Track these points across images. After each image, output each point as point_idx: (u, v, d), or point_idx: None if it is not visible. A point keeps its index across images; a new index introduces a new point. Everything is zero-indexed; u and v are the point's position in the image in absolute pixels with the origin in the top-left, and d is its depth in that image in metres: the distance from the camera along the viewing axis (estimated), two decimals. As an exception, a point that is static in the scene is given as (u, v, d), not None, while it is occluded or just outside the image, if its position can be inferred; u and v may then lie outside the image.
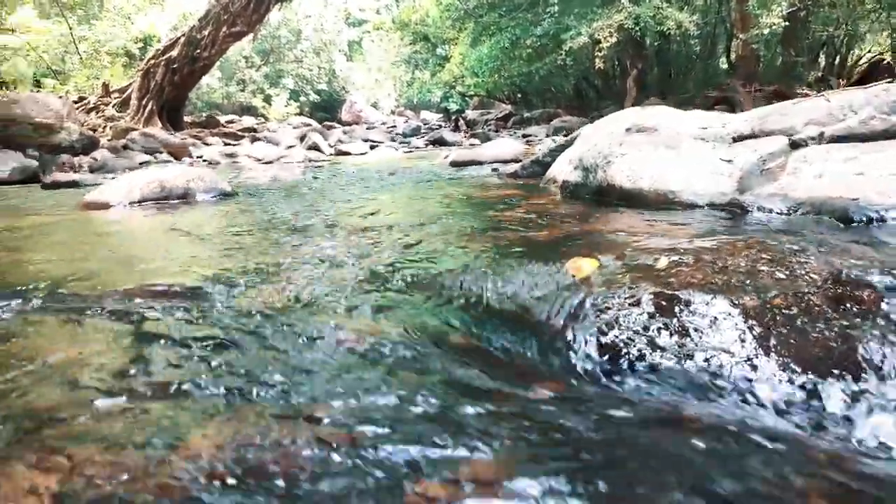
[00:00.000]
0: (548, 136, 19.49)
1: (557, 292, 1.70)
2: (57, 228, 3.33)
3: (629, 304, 1.54)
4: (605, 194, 3.34)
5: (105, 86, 18.68)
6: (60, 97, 13.69)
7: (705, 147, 3.31)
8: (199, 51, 17.82)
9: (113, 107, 18.25)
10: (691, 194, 2.97)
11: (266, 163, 10.01)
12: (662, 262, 1.71)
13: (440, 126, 26.69)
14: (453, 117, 27.00)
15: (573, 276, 1.76)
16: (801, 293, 1.53)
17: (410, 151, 13.33)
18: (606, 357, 1.44)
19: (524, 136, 20.85)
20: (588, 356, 1.46)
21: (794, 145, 3.17)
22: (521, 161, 6.79)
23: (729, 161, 3.11)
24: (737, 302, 1.49)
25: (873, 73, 13.49)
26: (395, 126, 29.39)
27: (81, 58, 20.74)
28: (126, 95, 18.10)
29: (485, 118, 28.16)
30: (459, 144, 17.96)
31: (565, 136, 10.92)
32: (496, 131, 25.21)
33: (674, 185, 3.04)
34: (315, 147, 12.31)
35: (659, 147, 3.29)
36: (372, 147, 13.62)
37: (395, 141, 16.52)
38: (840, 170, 2.65)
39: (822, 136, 3.43)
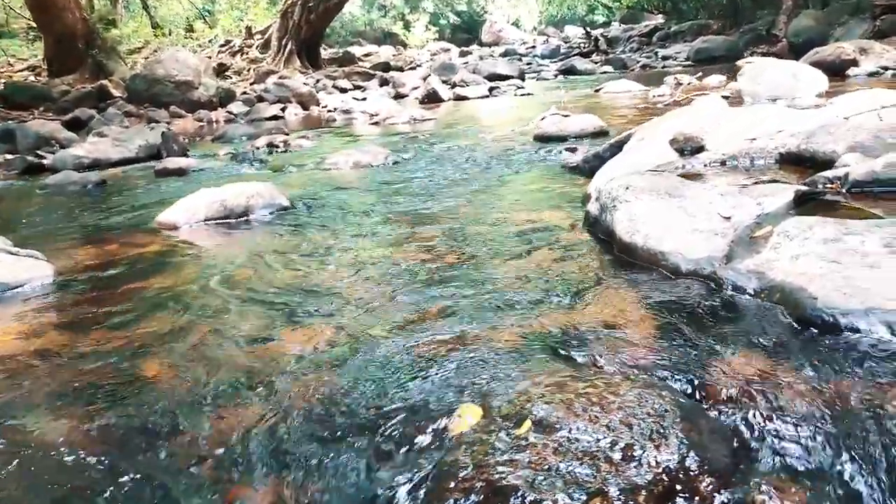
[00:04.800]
0: (688, 59, 18.48)
1: (419, 452, 1.84)
2: (134, 268, 3.76)
3: (463, 490, 1.66)
4: (612, 238, 3.34)
5: (248, 28, 19.65)
6: (197, 51, 14.59)
7: (712, 195, 3.21)
8: (332, -13, 18.26)
9: (256, 48, 19.21)
10: (678, 258, 2.90)
11: (373, 123, 10.41)
12: (524, 427, 1.78)
13: (579, 47, 25.81)
14: (592, 36, 25.96)
15: (450, 429, 1.89)
16: (629, 490, 1.58)
17: (529, 94, 13.20)
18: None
19: (663, 58, 19.85)
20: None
21: (802, 199, 3.01)
22: (607, 132, 6.71)
23: (727, 218, 3.01)
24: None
25: None
26: (534, 46, 28.76)
27: (228, -2, 21.80)
28: (267, 37, 18.98)
29: (627, 35, 26.89)
30: (590, 73, 17.46)
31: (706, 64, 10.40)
32: (637, 49, 24.13)
33: (665, 245, 2.98)
34: (433, 94, 12.53)
35: (661, 195, 3.22)
36: (491, 89, 13.55)
37: (521, 77, 16.19)
38: (815, 253, 2.49)
39: (846, 179, 3.24)
